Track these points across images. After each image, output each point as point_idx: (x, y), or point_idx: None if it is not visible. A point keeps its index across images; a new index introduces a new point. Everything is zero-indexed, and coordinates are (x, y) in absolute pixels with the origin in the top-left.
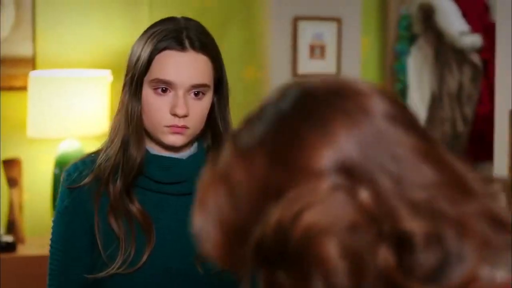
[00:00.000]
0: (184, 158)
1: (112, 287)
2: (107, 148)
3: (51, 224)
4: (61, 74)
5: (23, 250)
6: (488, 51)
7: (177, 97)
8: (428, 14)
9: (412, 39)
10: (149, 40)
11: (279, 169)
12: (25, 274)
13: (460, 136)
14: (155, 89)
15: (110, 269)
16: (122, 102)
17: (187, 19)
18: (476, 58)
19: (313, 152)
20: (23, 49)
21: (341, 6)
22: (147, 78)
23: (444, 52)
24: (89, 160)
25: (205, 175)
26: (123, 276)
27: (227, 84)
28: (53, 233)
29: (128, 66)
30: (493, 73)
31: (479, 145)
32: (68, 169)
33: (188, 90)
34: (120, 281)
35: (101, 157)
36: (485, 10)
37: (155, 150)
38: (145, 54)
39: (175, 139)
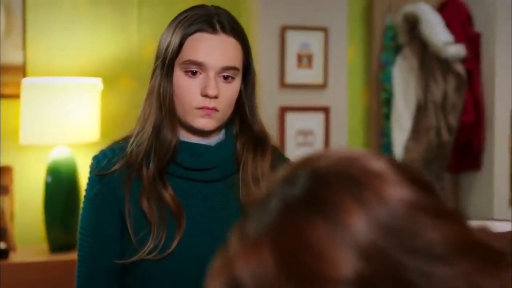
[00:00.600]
0: (212, 144)
1: (141, 273)
2: (138, 134)
3: (42, 233)
4: (54, 81)
5: (15, 258)
6: (471, 61)
7: (208, 78)
8: (413, 25)
9: (397, 49)
10: (180, 24)
11: (289, 274)
12: (19, 281)
13: (445, 145)
14: (186, 71)
15: (140, 254)
16: (152, 86)
17: (216, 7)
18: (460, 68)
19: (327, 258)
20: (13, 57)
21: (328, 16)
22: (178, 61)
23: (429, 62)
24: (117, 147)
25: (216, 262)
26: (152, 262)
27: (254, 71)
28: (82, 220)
29: (158, 53)
30: (477, 83)
31: (463, 154)
32: (97, 156)
33: (218, 73)
34: (149, 267)
35: (133, 143)
36: (468, 20)
37: (184, 136)
38: (176, 38)
39: (205, 123)
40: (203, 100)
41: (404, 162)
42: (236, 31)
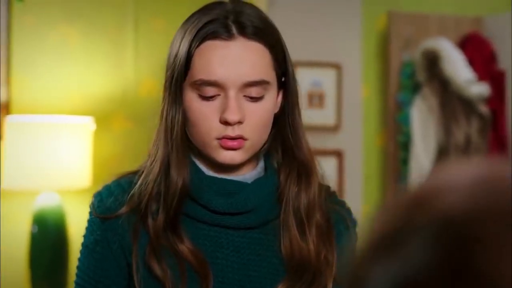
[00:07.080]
0: (249, 181)
1: None
2: (146, 174)
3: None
4: (40, 120)
5: None
6: (496, 100)
7: (227, 99)
8: (432, 62)
9: (415, 88)
10: (189, 29)
11: None
12: None
13: None
14: (199, 93)
15: None
16: (161, 112)
17: (237, 2)
18: (483, 108)
19: None
20: None
21: (341, 51)
22: (188, 80)
23: (450, 102)
24: (125, 182)
25: None
26: None
27: (295, 81)
28: (78, 273)
29: (167, 67)
30: (502, 124)
31: None
32: (100, 193)
33: (240, 90)
34: None
35: (137, 184)
36: (492, 58)
37: (210, 171)
38: (183, 48)
39: (231, 156)
40: (224, 128)
41: None
42: (261, 32)
